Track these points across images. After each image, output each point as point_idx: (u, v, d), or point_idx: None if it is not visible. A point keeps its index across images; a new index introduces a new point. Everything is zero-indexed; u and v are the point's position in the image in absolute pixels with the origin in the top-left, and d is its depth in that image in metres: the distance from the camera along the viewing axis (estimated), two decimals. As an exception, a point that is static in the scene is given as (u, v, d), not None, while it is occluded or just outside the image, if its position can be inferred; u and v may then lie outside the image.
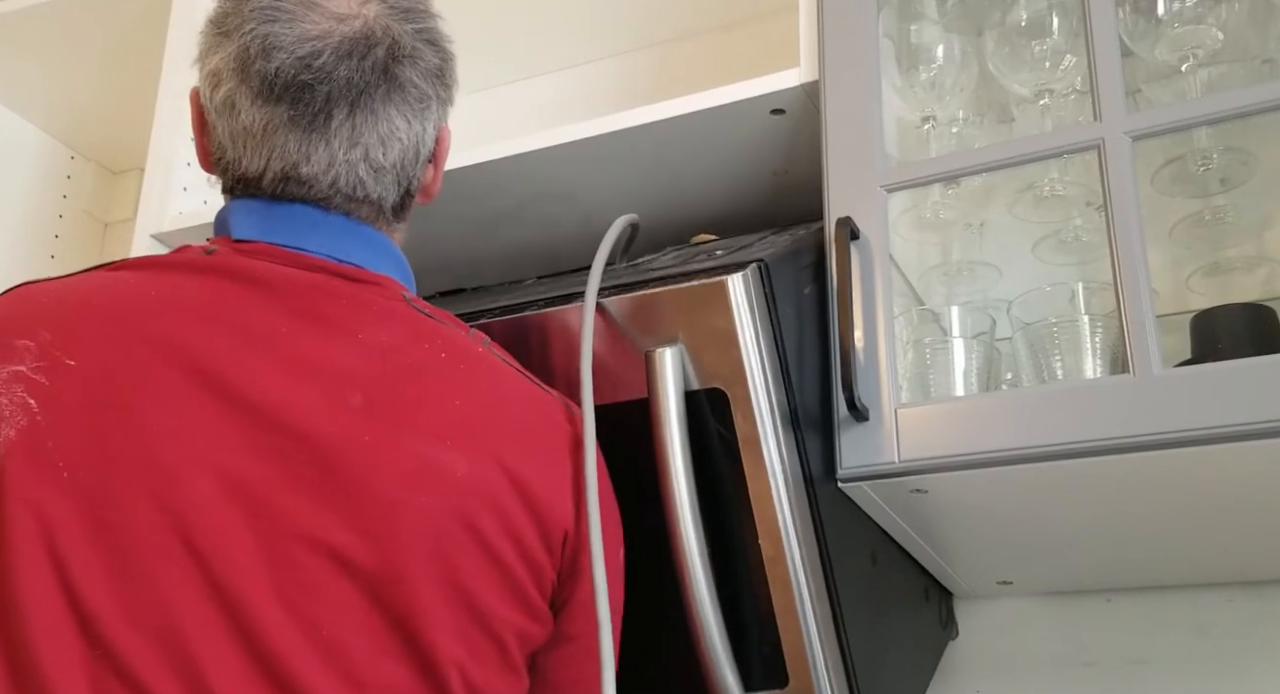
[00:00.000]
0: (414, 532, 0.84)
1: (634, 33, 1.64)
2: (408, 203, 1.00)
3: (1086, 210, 1.20)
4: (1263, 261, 1.18)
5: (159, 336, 0.86)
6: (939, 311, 1.20)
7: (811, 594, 0.99)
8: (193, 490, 0.81)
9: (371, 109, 0.94)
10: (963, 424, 1.00)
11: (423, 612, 0.83)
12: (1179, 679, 1.27)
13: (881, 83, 1.15)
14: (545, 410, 0.95)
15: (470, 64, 1.70)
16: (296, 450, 0.84)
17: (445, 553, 0.84)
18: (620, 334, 1.02)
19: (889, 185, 1.11)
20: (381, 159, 0.95)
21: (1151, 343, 0.95)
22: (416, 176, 0.99)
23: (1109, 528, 1.14)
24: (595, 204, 1.40)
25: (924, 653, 1.30)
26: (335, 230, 0.95)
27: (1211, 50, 1.12)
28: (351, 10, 0.95)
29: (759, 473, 0.98)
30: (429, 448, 0.86)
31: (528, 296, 1.11)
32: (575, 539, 0.91)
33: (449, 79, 1.01)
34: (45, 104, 1.90)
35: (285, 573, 0.81)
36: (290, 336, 0.88)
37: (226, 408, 0.84)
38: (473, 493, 0.86)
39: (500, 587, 0.87)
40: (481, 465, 0.87)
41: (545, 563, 0.89)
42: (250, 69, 0.92)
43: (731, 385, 0.98)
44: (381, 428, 0.86)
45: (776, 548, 0.99)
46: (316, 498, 0.83)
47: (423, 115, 0.97)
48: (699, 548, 0.96)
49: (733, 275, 0.98)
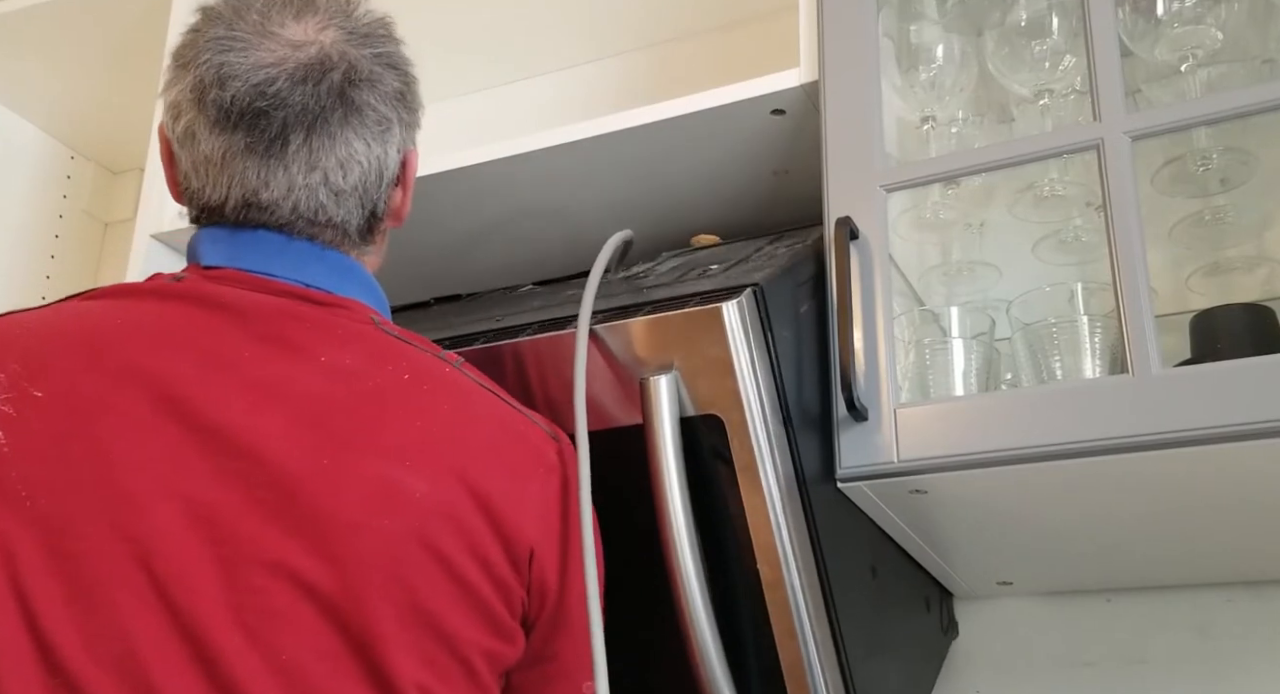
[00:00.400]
0: (374, 554, 0.84)
1: (634, 33, 1.64)
2: (375, 226, 1.00)
3: (1086, 210, 1.20)
4: (1262, 261, 1.18)
5: (126, 365, 0.87)
6: (939, 312, 1.20)
7: (811, 617, 0.99)
8: (155, 518, 0.82)
9: (329, 133, 0.94)
10: (962, 424, 1.00)
11: (384, 635, 0.83)
12: (1179, 679, 1.27)
13: (881, 83, 1.15)
14: (515, 430, 0.94)
15: (470, 64, 1.71)
16: (259, 475, 0.84)
17: (405, 575, 0.84)
18: (615, 360, 1.01)
19: (889, 185, 1.11)
20: (341, 182, 0.95)
21: (1151, 343, 0.95)
22: (382, 199, 0.99)
23: (1109, 528, 1.14)
24: (593, 205, 1.40)
25: (926, 662, 1.30)
26: (301, 255, 0.95)
27: (1211, 50, 1.12)
28: (308, 37, 0.95)
29: (756, 498, 0.98)
30: (388, 469, 0.86)
31: (521, 317, 1.10)
32: (544, 558, 0.91)
33: (412, 102, 1.01)
34: (45, 104, 1.90)
35: (246, 598, 0.82)
36: (255, 361, 0.89)
37: (191, 434, 0.85)
38: (434, 513, 0.86)
39: (464, 607, 0.87)
40: (443, 485, 0.87)
41: (513, 581, 0.89)
42: (206, 99, 0.94)
43: (727, 412, 0.98)
44: (341, 451, 0.86)
45: (775, 572, 0.98)
46: (278, 523, 0.83)
47: (383, 138, 0.97)
48: (696, 574, 0.95)
49: (727, 303, 0.97)
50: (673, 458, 0.96)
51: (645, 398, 0.97)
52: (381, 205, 0.99)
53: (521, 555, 0.90)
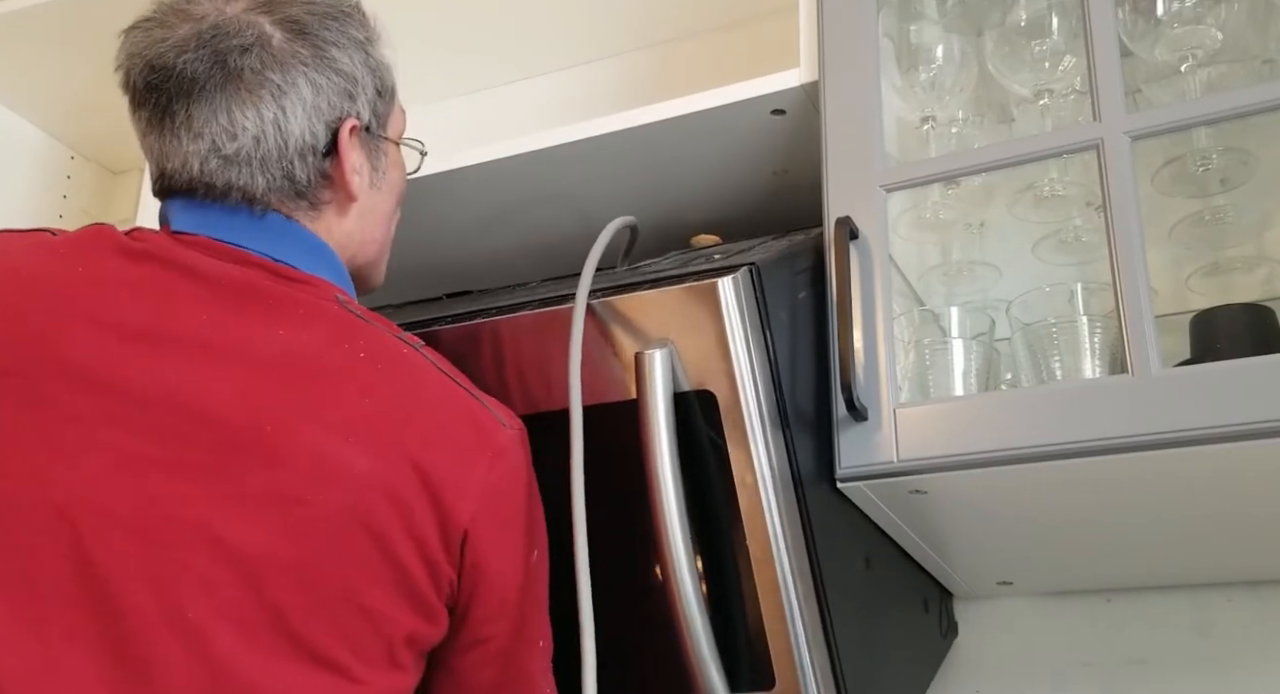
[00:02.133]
0: (307, 525, 0.84)
1: (633, 33, 1.64)
2: (307, 194, 0.98)
3: (1086, 210, 1.19)
4: (1262, 261, 1.18)
5: (75, 312, 0.88)
6: (938, 312, 1.20)
7: (799, 596, 0.99)
8: (83, 466, 0.83)
9: (207, 100, 0.95)
10: (962, 424, 1.00)
11: (305, 606, 0.83)
12: (1179, 679, 1.27)
13: (881, 83, 1.15)
14: (465, 412, 0.94)
15: (469, 64, 1.71)
16: (199, 436, 0.85)
17: (336, 549, 0.85)
18: (611, 335, 1.02)
19: (889, 185, 1.11)
20: (229, 148, 0.95)
21: (1150, 343, 0.95)
22: (303, 168, 0.97)
23: (1109, 528, 1.14)
24: (595, 205, 1.40)
25: (921, 661, 1.30)
26: (271, 230, 0.96)
27: (1211, 50, 1.12)
28: (212, 9, 0.96)
29: (747, 475, 0.98)
30: (329, 442, 0.86)
31: (522, 298, 1.11)
32: (481, 540, 0.91)
33: (338, 66, 0.99)
34: (45, 104, 1.90)
35: (161, 554, 0.82)
36: (211, 325, 0.89)
37: (133, 390, 0.86)
38: (373, 489, 0.86)
39: (392, 585, 0.87)
40: (386, 462, 0.87)
41: (444, 563, 0.89)
42: (125, 85, 0.98)
43: (721, 387, 0.98)
44: (286, 420, 0.86)
45: (764, 550, 0.99)
46: (209, 483, 0.84)
47: (280, 103, 0.95)
48: (685, 548, 0.96)
49: (724, 278, 0.98)
50: (665, 432, 0.96)
51: (639, 371, 0.98)
52: (303, 174, 0.97)
53: (454, 536, 0.89)
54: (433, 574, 0.89)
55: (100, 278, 0.91)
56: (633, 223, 1.15)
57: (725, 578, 1.00)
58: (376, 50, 1.04)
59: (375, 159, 1.03)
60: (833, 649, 1.01)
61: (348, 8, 1.03)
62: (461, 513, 0.89)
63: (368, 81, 1.02)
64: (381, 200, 1.05)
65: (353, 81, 1.00)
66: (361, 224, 1.03)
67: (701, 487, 0.99)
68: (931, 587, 1.32)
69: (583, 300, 1.00)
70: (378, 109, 1.03)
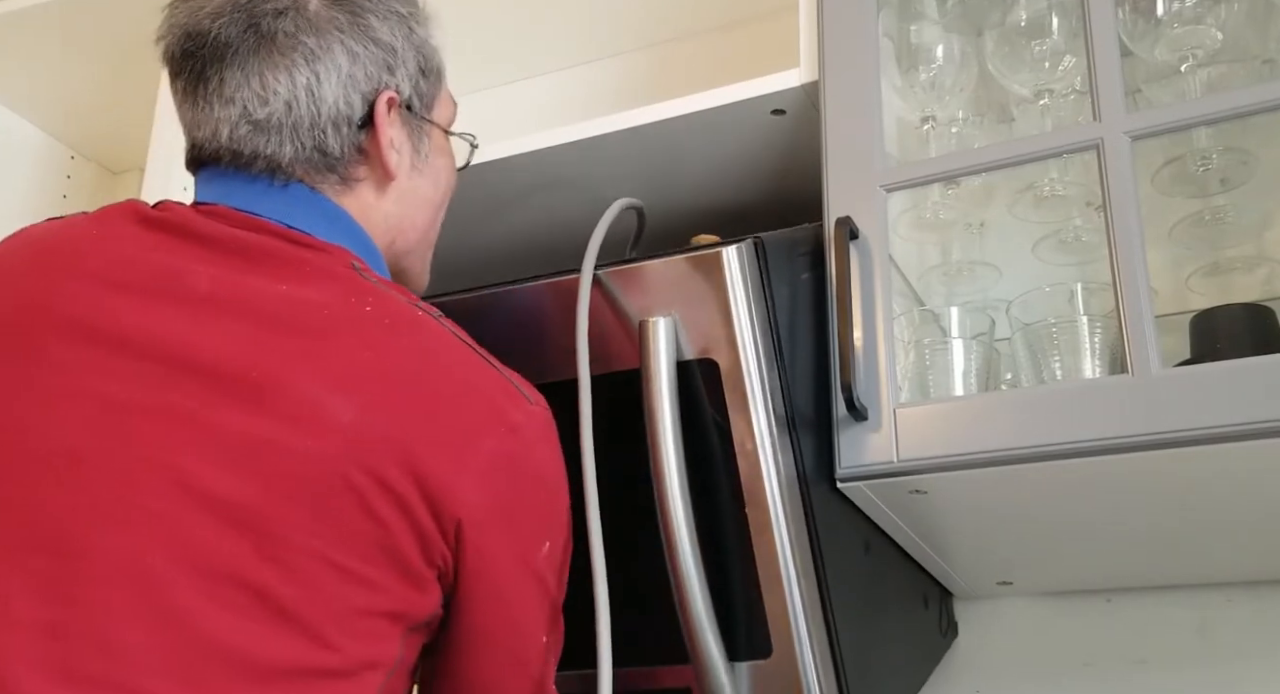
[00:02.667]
0: (280, 472, 0.81)
1: (634, 33, 1.64)
2: (337, 167, 0.96)
3: (1086, 210, 1.19)
4: (1262, 261, 1.18)
5: (76, 270, 0.89)
6: (939, 312, 1.20)
7: (797, 565, 0.99)
8: (64, 413, 0.82)
9: (239, 64, 0.94)
10: (962, 424, 1.00)
11: (272, 558, 0.79)
12: (1179, 679, 1.27)
13: (881, 83, 1.15)
14: (479, 383, 0.89)
15: (468, 64, 1.71)
16: (183, 383, 0.83)
17: (312, 500, 0.81)
18: (616, 305, 1.04)
19: (889, 185, 1.11)
20: (260, 114, 0.93)
21: (1150, 343, 0.95)
22: (336, 138, 0.95)
23: (1108, 528, 1.14)
24: (595, 205, 1.39)
25: (918, 652, 1.30)
26: (292, 200, 0.94)
27: (1211, 50, 1.12)
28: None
29: (748, 442, 0.99)
30: (316, 391, 0.83)
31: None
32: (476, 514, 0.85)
33: (364, 34, 0.96)
34: (45, 104, 1.90)
35: (127, 495, 0.79)
36: (212, 280, 0.88)
37: (125, 341, 0.85)
38: (358, 443, 0.82)
39: (371, 545, 0.82)
40: (378, 416, 0.83)
41: (432, 530, 0.84)
42: (164, 55, 0.98)
43: (724, 357, 1.00)
44: (274, 368, 0.84)
45: (764, 517, 0.99)
46: (188, 428, 0.81)
47: (313, 69, 0.94)
48: (686, 515, 0.97)
49: (728, 247, 1.00)
50: (667, 399, 0.97)
51: (643, 339, 0.99)
52: (336, 145, 0.95)
53: (446, 504, 0.84)
54: (420, 538, 0.84)
55: (112, 241, 0.91)
56: (639, 205, 1.15)
57: (725, 546, 1.01)
58: (422, 27, 1.02)
59: (417, 140, 1.01)
60: (829, 619, 1.02)
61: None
62: (458, 483, 0.84)
63: (409, 56, 0.99)
64: (424, 185, 1.02)
65: (392, 53, 0.98)
66: (401, 207, 1.00)
67: (702, 455, 1.00)
68: (931, 585, 1.32)
69: (589, 269, 1.02)
70: (421, 88, 1.01)
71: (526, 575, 0.90)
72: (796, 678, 0.99)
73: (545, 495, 0.91)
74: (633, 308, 1.03)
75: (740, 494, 1.00)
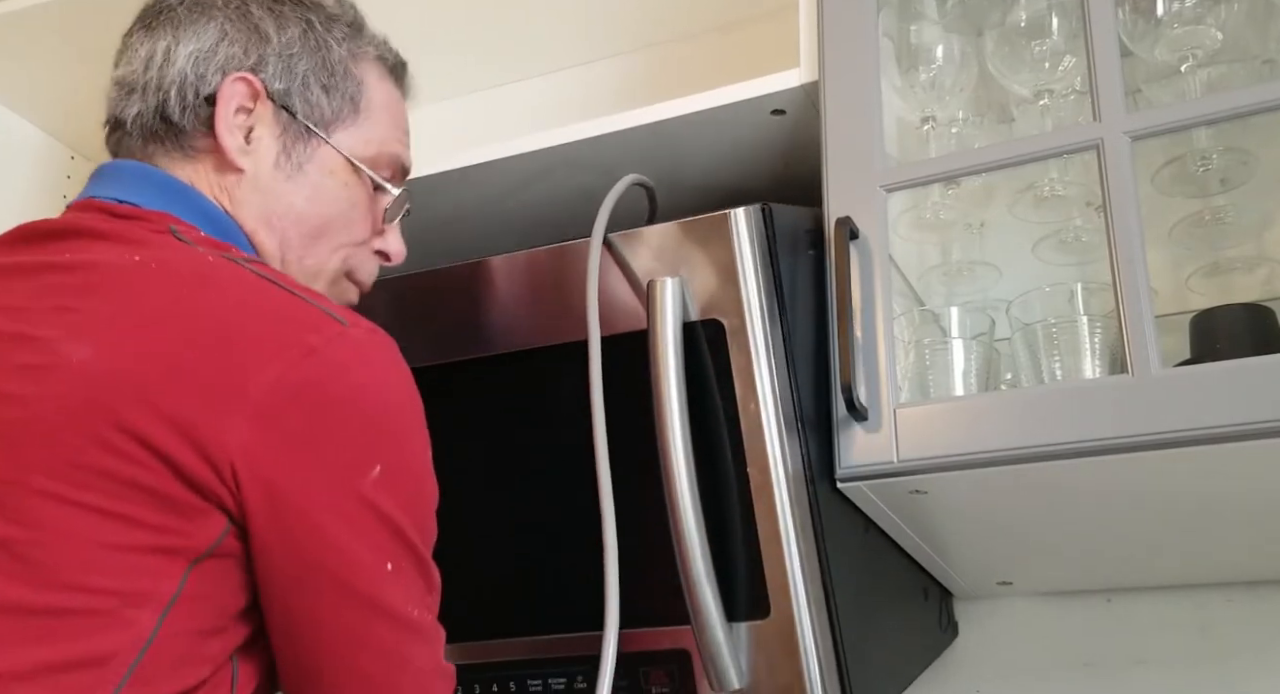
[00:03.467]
0: (5, 418, 0.81)
1: (632, 33, 1.64)
2: (182, 139, 0.97)
3: (1086, 210, 1.20)
4: (1262, 261, 1.18)
5: None
6: (939, 312, 1.20)
7: (796, 524, 1.01)
8: None
9: (135, 35, 1.02)
10: (962, 424, 1.00)
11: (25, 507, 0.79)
12: (1179, 679, 1.27)
13: (881, 83, 1.15)
14: (274, 309, 0.85)
15: (466, 64, 1.71)
16: None
17: (40, 439, 0.80)
18: (627, 267, 1.07)
19: (889, 185, 1.11)
20: (122, 71, 1.01)
21: (1150, 343, 0.95)
22: (178, 103, 0.97)
23: (1109, 528, 1.14)
24: (594, 206, 1.39)
25: (916, 641, 1.30)
26: (129, 177, 0.98)
27: (1211, 50, 1.12)
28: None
29: (751, 402, 1.01)
30: (54, 339, 0.82)
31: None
32: (262, 447, 0.80)
33: (244, 20, 0.98)
34: (45, 104, 1.89)
35: None
36: (7, 254, 0.91)
37: None
38: (88, 384, 0.80)
39: (117, 481, 0.79)
40: (109, 358, 0.81)
41: (199, 467, 0.80)
42: None
43: (729, 317, 1.03)
44: (25, 328, 0.84)
45: (764, 475, 1.01)
46: None
47: (175, 34, 0.98)
48: (688, 473, 0.99)
49: (736, 210, 1.04)
50: (672, 357, 1.00)
51: (650, 299, 1.02)
52: (178, 110, 0.97)
53: (210, 432, 0.80)
54: (181, 476, 0.79)
55: None
56: (649, 183, 1.18)
57: (725, 505, 1.02)
58: (340, 48, 1.01)
59: (291, 144, 0.98)
60: (827, 582, 1.03)
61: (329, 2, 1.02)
62: (224, 421, 0.80)
63: (299, 60, 0.99)
64: (294, 195, 0.98)
65: (267, 44, 0.98)
66: (265, 200, 0.98)
67: (706, 414, 1.02)
68: (931, 583, 1.32)
69: (599, 232, 1.05)
70: (311, 97, 0.99)
71: (350, 501, 0.83)
72: (794, 638, 1.00)
73: (363, 418, 0.84)
74: (642, 270, 1.06)
75: (743, 453, 1.02)
